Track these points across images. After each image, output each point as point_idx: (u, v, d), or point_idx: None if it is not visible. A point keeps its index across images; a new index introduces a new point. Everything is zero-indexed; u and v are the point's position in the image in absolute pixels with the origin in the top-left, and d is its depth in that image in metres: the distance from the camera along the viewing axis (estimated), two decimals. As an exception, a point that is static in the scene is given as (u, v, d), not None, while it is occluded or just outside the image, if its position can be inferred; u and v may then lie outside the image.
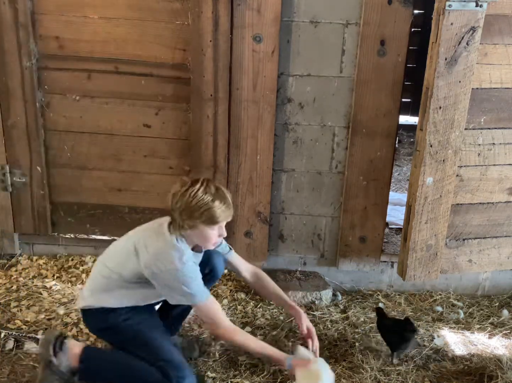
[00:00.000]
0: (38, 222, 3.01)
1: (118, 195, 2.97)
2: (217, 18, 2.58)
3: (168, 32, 2.68)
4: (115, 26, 2.69)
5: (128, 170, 2.93)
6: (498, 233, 2.72)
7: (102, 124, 2.86)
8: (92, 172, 2.94)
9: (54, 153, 2.92)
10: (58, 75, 2.79)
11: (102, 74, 2.77)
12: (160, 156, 2.89)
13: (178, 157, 2.88)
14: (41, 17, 2.70)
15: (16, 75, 2.75)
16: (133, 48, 2.72)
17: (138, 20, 2.67)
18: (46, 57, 2.76)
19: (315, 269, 3.03)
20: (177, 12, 2.65)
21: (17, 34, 2.68)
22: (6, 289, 2.81)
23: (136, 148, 2.89)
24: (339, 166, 2.85)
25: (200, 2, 2.56)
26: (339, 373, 2.31)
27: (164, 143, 2.87)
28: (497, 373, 2.32)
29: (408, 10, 2.56)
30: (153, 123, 2.84)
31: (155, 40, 2.70)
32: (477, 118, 2.50)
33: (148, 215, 2.92)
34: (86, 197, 2.99)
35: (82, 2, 2.66)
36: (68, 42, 2.73)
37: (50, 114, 2.85)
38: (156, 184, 2.93)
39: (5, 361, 2.28)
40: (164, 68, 2.74)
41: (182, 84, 2.75)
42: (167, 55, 2.72)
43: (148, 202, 2.96)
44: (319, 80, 2.72)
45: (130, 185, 2.96)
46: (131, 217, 2.99)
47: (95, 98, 2.81)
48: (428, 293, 3.02)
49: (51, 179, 2.96)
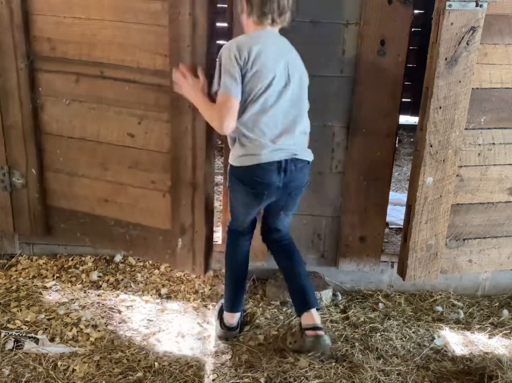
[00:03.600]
0: (34, 225, 2.94)
1: (105, 206, 2.77)
2: (195, 20, 2.32)
3: (150, 36, 2.44)
4: (101, 28, 2.50)
5: (113, 181, 2.72)
6: (498, 233, 2.72)
7: (90, 131, 2.68)
8: (81, 180, 2.78)
9: (48, 156, 2.81)
10: (51, 78, 2.68)
11: (89, 78, 2.60)
12: (143, 169, 2.64)
13: (160, 172, 2.61)
14: (35, 18, 2.60)
15: (12, 76, 2.68)
16: (117, 52, 2.51)
17: (122, 22, 2.47)
18: (40, 58, 2.66)
19: (315, 269, 3.03)
20: (158, 14, 2.39)
21: (13, 35, 2.61)
22: (6, 289, 2.81)
23: (121, 158, 2.66)
24: (339, 166, 2.85)
25: (177, 2, 2.33)
26: (339, 373, 2.31)
27: (147, 155, 2.61)
28: (497, 373, 2.32)
29: (408, 10, 2.56)
30: (137, 133, 2.60)
31: (138, 44, 2.47)
32: (477, 118, 2.50)
33: (132, 231, 2.74)
34: (76, 204, 2.83)
35: (70, 2, 2.51)
36: (59, 44, 2.61)
37: (44, 117, 2.75)
38: (140, 198, 2.69)
39: (5, 361, 2.28)
40: (146, 74, 2.49)
41: (163, 92, 2.48)
42: (149, 61, 2.47)
43: (132, 217, 2.73)
44: (319, 80, 2.71)
45: (116, 197, 2.74)
46: (116, 231, 2.77)
47: (83, 103, 2.65)
48: (428, 293, 3.02)
49: (45, 183, 2.86)
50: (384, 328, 2.67)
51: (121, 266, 3.07)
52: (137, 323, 2.63)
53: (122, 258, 3.11)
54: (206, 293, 2.89)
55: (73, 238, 2.94)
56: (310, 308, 2.40)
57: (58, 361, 2.30)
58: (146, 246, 2.76)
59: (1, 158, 2.88)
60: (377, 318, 2.75)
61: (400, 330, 2.66)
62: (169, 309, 2.76)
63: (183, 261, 2.70)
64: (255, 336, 2.55)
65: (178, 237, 2.62)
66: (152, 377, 2.26)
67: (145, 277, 2.99)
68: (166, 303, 2.80)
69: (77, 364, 2.29)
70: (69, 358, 2.33)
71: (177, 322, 2.66)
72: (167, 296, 2.86)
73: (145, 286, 2.93)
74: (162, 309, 2.75)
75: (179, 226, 2.61)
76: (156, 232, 2.69)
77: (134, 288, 2.91)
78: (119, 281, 2.96)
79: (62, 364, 2.29)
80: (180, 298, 2.84)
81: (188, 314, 2.72)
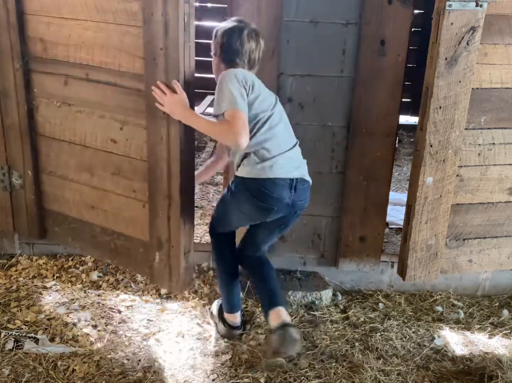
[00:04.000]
0: (31, 226, 2.88)
1: (91, 212, 2.66)
2: (167, 21, 2.13)
3: (129, 37, 2.30)
4: (84, 29, 2.41)
5: (99, 187, 2.60)
6: (498, 233, 2.72)
7: (78, 134, 2.59)
8: (71, 184, 2.68)
9: (43, 159, 2.76)
10: (43, 79, 2.61)
11: (76, 80, 2.51)
12: (125, 177, 2.50)
13: (141, 181, 2.45)
14: (29, 18, 2.55)
15: (10, 77, 2.64)
16: (100, 53, 2.40)
17: (103, 23, 2.36)
18: (34, 59, 2.60)
19: (315, 269, 3.03)
20: (135, 14, 2.24)
21: (10, 35, 2.56)
22: (6, 289, 2.81)
23: (105, 164, 2.54)
24: (339, 166, 2.85)
25: (150, 2, 2.16)
26: (339, 373, 2.31)
27: (128, 162, 2.47)
28: (497, 373, 2.32)
29: (408, 10, 2.56)
30: (119, 139, 2.47)
31: (118, 46, 2.34)
32: (477, 118, 2.50)
33: (116, 240, 2.60)
34: (67, 208, 2.74)
35: (59, 2, 2.44)
36: (50, 45, 2.53)
37: (39, 118, 2.70)
38: (123, 206, 2.55)
39: (5, 361, 2.28)
40: (125, 77, 2.36)
41: (141, 97, 2.31)
42: (128, 63, 2.33)
43: (116, 225, 2.59)
44: (319, 80, 2.71)
45: (101, 204, 2.62)
46: (102, 239, 2.65)
47: (71, 106, 2.56)
48: (428, 293, 3.02)
49: (41, 185, 2.79)
50: (384, 328, 2.67)
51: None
52: (137, 323, 2.63)
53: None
54: (205, 293, 2.89)
55: (65, 242, 2.86)
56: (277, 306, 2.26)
57: (58, 361, 2.30)
58: (129, 256, 2.60)
59: (1, 158, 2.88)
60: (377, 318, 2.75)
61: (400, 330, 2.66)
62: (169, 309, 2.76)
63: (160, 276, 2.49)
64: (255, 336, 2.56)
65: (156, 251, 2.46)
66: (152, 377, 2.26)
67: (145, 277, 2.98)
68: (166, 303, 2.81)
69: (77, 364, 2.29)
70: (69, 358, 2.33)
71: (177, 322, 2.66)
72: (167, 296, 2.86)
73: (145, 286, 2.93)
74: (162, 309, 2.76)
75: (156, 239, 2.44)
76: (137, 243, 2.54)
77: (134, 288, 2.91)
78: (119, 281, 2.96)
79: (62, 364, 2.29)
80: (179, 298, 2.84)
81: (187, 314, 2.72)
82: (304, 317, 2.74)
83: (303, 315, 2.75)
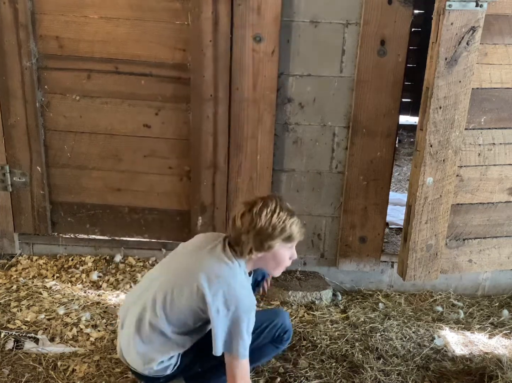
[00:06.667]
0: (38, 221, 3.03)
1: (117, 195, 3.00)
2: (217, 18, 2.59)
3: (168, 32, 2.70)
4: (115, 26, 2.71)
5: (127, 170, 2.96)
6: (498, 233, 2.72)
7: (102, 124, 2.88)
8: (92, 172, 2.97)
9: (54, 153, 2.94)
10: (58, 75, 2.81)
11: (102, 74, 2.79)
12: (160, 156, 2.92)
13: (178, 158, 2.90)
14: (41, 17, 2.71)
15: (16, 75, 2.77)
16: (133, 48, 2.74)
17: (138, 20, 2.69)
18: (46, 57, 2.78)
19: (315, 269, 3.03)
20: (177, 12, 2.66)
21: (17, 34, 2.70)
22: (6, 289, 2.81)
23: (136, 148, 2.91)
24: (339, 166, 2.85)
25: (200, 2, 2.58)
26: (339, 373, 2.31)
27: (164, 143, 2.89)
28: (497, 373, 2.32)
29: (408, 10, 2.56)
30: (153, 123, 2.86)
31: (155, 40, 2.72)
32: (477, 118, 2.50)
33: (148, 215, 3.02)
34: (86, 196, 3.01)
35: (82, 3, 2.67)
36: (68, 42, 2.75)
37: (50, 114, 2.86)
38: (156, 184, 2.97)
39: (5, 361, 2.28)
40: (163, 68, 2.76)
41: (182, 84, 2.77)
42: (167, 55, 2.74)
43: (147, 202, 3.00)
44: (319, 80, 2.71)
45: (130, 185, 2.99)
46: (131, 217, 3.04)
47: (95, 98, 2.84)
48: (428, 293, 3.02)
49: (51, 179, 2.98)
50: (384, 328, 2.67)
51: (121, 266, 3.07)
52: (137, 323, 2.62)
53: (122, 258, 3.11)
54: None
55: (81, 230, 3.10)
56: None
57: (58, 361, 2.30)
58: (161, 228, 3.04)
59: (1, 158, 2.90)
60: (377, 318, 2.75)
61: (400, 330, 2.66)
62: (169, 309, 2.75)
63: None
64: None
65: (198, 215, 2.91)
66: (152, 377, 2.25)
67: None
68: (166, 303, 2.80)
69: (77, 364, 2.28)
70: (69, 358, 2.33)
71: (177, 322, 2.65)
72: (167, 296, 2.85)
73: (145, 286, 2.93)
74: (162, 309, 2.75)
75: (200, 205, 2.90)
76: (173, 213, 2.99)
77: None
78: (119, 281, 2.96)
79: (62, 364, 2.29)
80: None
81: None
82: (304, 317, 2.74)
83: (303, 315, 2.75)
